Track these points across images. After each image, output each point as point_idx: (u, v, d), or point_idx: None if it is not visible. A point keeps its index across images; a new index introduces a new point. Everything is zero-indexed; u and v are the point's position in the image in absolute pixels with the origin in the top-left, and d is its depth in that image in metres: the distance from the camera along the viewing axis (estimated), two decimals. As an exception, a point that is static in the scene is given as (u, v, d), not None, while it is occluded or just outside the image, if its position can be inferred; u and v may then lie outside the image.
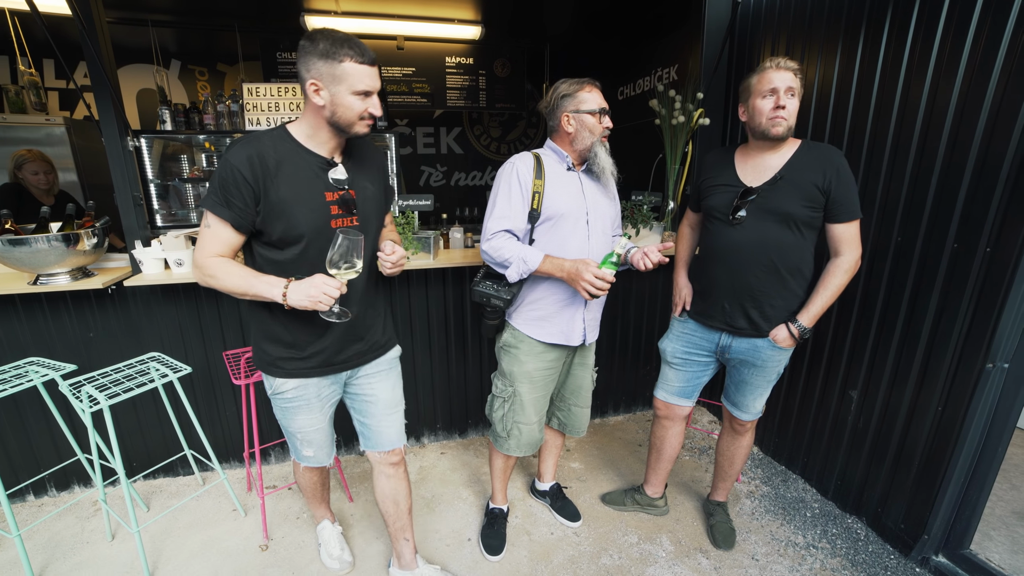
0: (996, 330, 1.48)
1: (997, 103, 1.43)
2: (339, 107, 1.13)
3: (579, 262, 1.42)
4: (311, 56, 1.10)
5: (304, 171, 1.16)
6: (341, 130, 1.17)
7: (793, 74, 1.42)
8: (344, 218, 1.22)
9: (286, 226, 1.15)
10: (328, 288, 1.13)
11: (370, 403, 1.48)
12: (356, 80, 1.12)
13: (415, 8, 3.07)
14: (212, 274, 1.16)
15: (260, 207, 1.12)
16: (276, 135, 1.17)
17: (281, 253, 1.19)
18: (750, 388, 1.66)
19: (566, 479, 2.30)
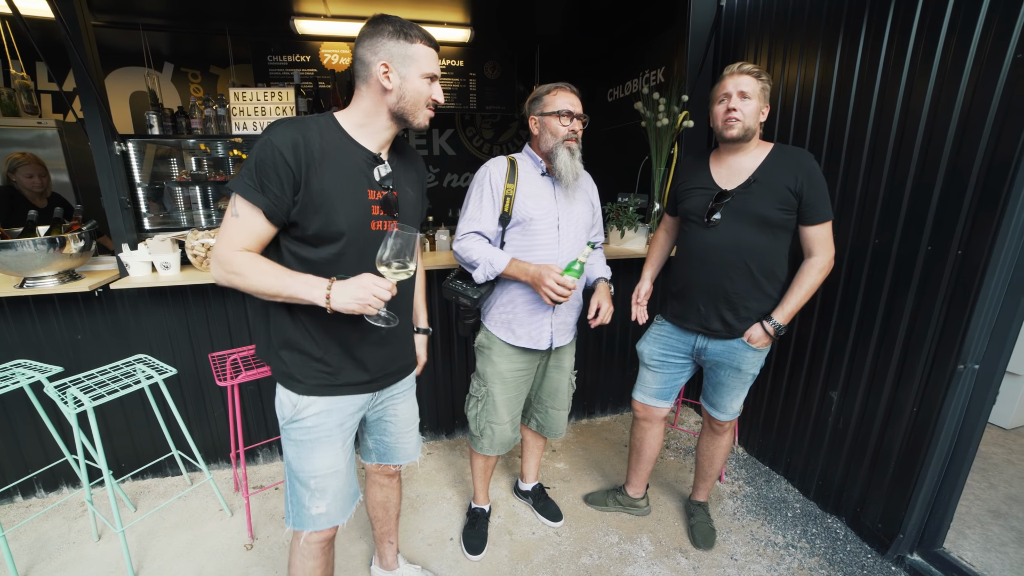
0: (967, 331, 1.50)
1: (967, 106, 1.45)
2: (409, 91, 1.05)
3: (543, 267, 1.45)
4: (379, 38, 1.02)
5: (350, 164, 1.06)
6: (404, 119, 1.08)
7: (753, 77, 1.44)
8: (385, 220, 1.12)
9: (325, 221, 1.03)
10: (378, 289, 1.01)
11: (391, 423, 1.38)
12: (427, 62, 1.06)
13: (404, 11, 3.09)
14: (238, 271, 1.01)
15: (299, 196, 1.00)
16: (323, 122, 1.06)
17: (315, 251, 1.07)
18: (727, 389, 1.68)
19: (551, 479, 2.32)
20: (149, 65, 3.07)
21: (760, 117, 1.47)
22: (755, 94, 1.44)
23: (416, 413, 1.44)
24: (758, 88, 1.44)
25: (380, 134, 1.11)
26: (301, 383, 1.15)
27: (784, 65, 2.10)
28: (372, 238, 1.09)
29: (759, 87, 1.44)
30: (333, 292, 1.01)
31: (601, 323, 1.59)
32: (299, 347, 1.14)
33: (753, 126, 1.47)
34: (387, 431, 1.39)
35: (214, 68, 3.91)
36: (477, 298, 1.58)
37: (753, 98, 1.44)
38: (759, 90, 1.44)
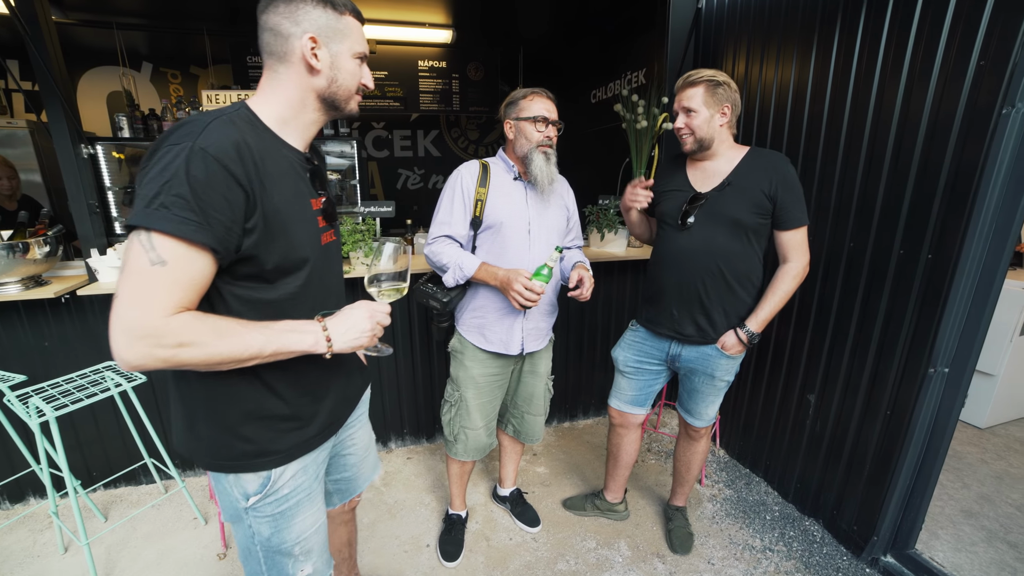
0: (937, 335, 1.50)
1: (935, 110, 1.45)
2: (341, 72, 0.87)
3: (511, 272, 1.43)
4: (303, 4, 0.83)
5: (288, 170, 0.86)
6: (335, 106, 0.91)
7: (699, 87, 1.43)
8: (327, 231, 0.96)
9: (286, 247, 0.82)
10: (381, 315, 0.89)
11: (351, 455, 1.21)
12: (358, 39, 0.89)
13: (386, 12, 3.07)
14: (189, 339, 0.73)
15: (254, 222, 0.77)
16: (245, 118, 0.82)
17: (274, 289, 0.85)
18: (701, 396, 1.67)
19: (531, 484, 2.31)
20: (124, 64, 3.02)
21: (717, 121, 1.45)
22: (703, 104, 1.43)
23: (372, 432, 1.31)
24: (706, 96, 1.42)
25: (308, 129, 0.92)
26: (273, 455, 0.93)
27: (762, 67, 2.09)
28: (325, 257, 0.95)
29: (707, 95, 1.42)
30: (332, 331, 0.85)
31: (580, 295, 1.49)
32: (264, 414, 0.91)
33: (707, 135, 1.46)
34: (347, 465, 1.22)
35: (195, 68, 3.85)
36: (447, 301, 1.56)
37: (700, 109, 1.43)
38: (708, 97, 1.42)
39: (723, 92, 1.43)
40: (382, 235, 2.27)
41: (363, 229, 2.10)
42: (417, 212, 4.47)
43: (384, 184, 4.49)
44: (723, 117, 1.45)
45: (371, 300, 0.94)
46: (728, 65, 2.27)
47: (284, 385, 0.92)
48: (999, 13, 1.28)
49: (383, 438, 2.56)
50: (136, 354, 0.71)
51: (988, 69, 1.31)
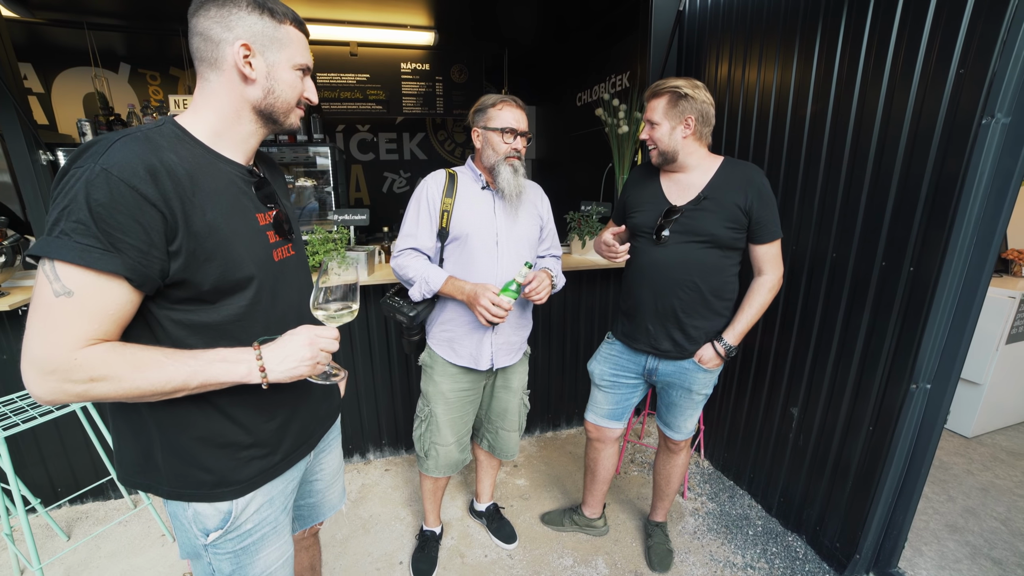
0: (919, 350, 1.46)
1: (916, 119, 1.41)
2: (279, 83, 0.83)
3: (479, 286, 1.38)
4: (234, 9, 0.77)
5: (226, 186, 0.82)
6: (273, 119, 0.86)
7: (659, 98, 1.40)
8: (282, 247, 0.92)
9: (224, 267, 0.78)
10: (325, 340, 0.83)
11: (318, 480, 1.16)
12: (299, 50, 0.84)
13: (367, 14, 3.00)
14: (101, 374, 0.69)
15: (178, 245, 0.73)
16: (169, 134, 0.78)
17: (216, 311, 0.80)
18: (679, 409, 1.63)
19: (510, 497, 2.26)
20: (97, 65, 2.94)
21: (680, 133, 1.40)
22: (663, 116, 1.39)
23: (341, 458, 1.25)
24: (667, 108, 1.39)
25: (246, 141, 0.87)
26: (235, 485, 0.88)
27: (744, 70, 2.05)
28: (279, 274, 0.89)
29: (668, 107, 1.39)
30: (267, 360, 0.79)
31: (530, 294, 1.41)
32: (221, 441, 0.86)
33: (669, 148, 1.42)
34: (313, 491, 1.17)
35: (174, 70, 3.77)
36: (413, 315, 1.51)
37: (662, 122, 1.40)
38: (668, 109, 1.38)
39: (686, 104, 1.38)
40: (356, 243, 2.21)
41: (336, 238, 2.04)
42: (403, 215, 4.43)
43: (369, 187, 4.42)
44: (686, 129, 1.40)
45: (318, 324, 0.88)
46: (711, 68, 2.23)
47: (239, 409, 0.86)
48: (977, 19, 1.24)
49: (361, 449, 2.50)
50: (46, 389, 0.68)
51: (968, 77, 1.27)
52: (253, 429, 0.89)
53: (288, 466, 0.97)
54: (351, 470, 2.44)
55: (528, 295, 1.43)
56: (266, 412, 0.90)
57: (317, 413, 1.05)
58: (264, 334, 0.86)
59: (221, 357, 0.78)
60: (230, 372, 0.78)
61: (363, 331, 2.26)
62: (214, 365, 0.77)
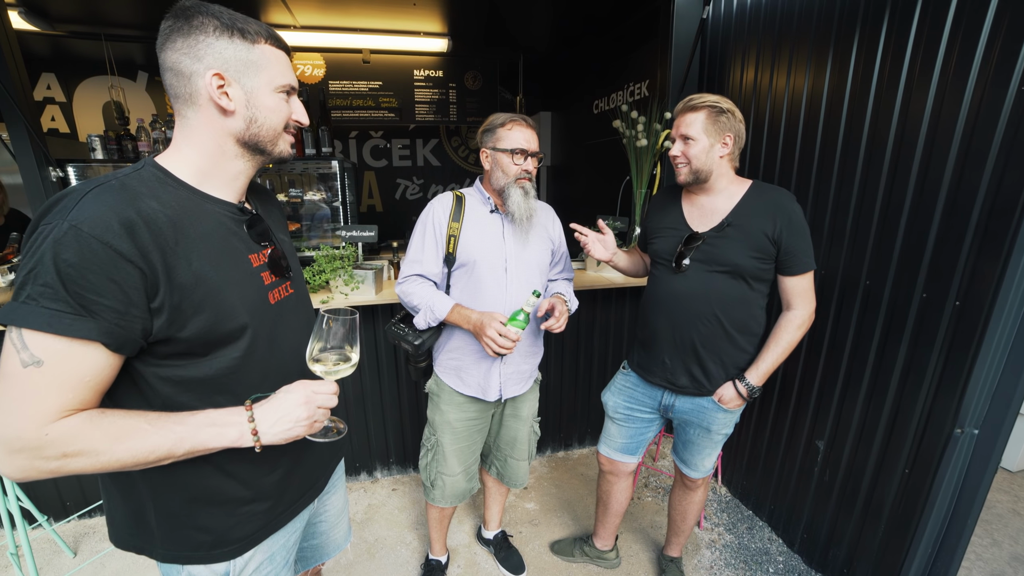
0: (965, 392, 1.33)
1: (969, 129, 1.27)
2: (260, 111, 0.76)
3: (485, 315, 1.32)
4: (200, 36, 0.71)
5: (214, 229, 0.76)
6: (260, 150, 0.80)
7: (699, 112, 1.28)
8: (279, 287, 0.86)
9: (214, 318, 0.73)
10: (322, 397, 0.78)
11: (322, 522, 1.11)
12: (279, 70, 0.77)
13: (379, 21, 2.95)
14: (77, 449, 0.64)
15: (160, 302, 0.67)
16: (149, 178, 0.72)
17: (207, 364, 0.75)
18: (696, 448, 1.53)
19: (519, 522, 2.18)
20: (113, 74, 2.96)
21: (716, 151, 1.31)
22: (702, 132, 1.28)
23: (346, 495, 1.21)
24: (707, 124, 1.28)
25: (236, 179, 0.81)
26: (232, 545, 0.83)
27: (772, 78, 1.93)
28: (277, 317, 0.84)
29: (708, 122, 1.28)
30: (260, 422, 0.74)
31: (552, 327, 1.38)
32: (218, 498, 0.81)
33: (705, 167, 1.31)
34: (316, 532, 1.12)
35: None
36: (418, 344, 1.45)
37: (700, 138, 1.29)
38: (709, 125, 1.28)
39: (726, 120, 1.28)
40: (364, 259, 2.16)
41: (343, 255, 1.99)
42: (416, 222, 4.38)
43: (382, 194, 4.39)
44: (724, 148, 1.30)
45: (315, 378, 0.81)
46: (735, 75, 2.11)
47: (238, 464, 0.81)
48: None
49: (368, 466, 2.46)
50: (15, 468, 0.63)
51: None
52: (253, 483, 0.84)
53: (291, 516, 0.92)
54: (357, 488, 2.40)
55: (550, 328, 1.37)
56: (267, 464, 0.84)
57: (322, 457, 1.00)
58: (262, 383, 0.81)
59: (210, 421, 0.72)
60: (220, 437, 0.72)
61: (371, 347, 2.21)
62: (202, 430, 0.71)
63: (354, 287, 1.96)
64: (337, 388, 0.81)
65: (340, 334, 0.79)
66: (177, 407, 0.74)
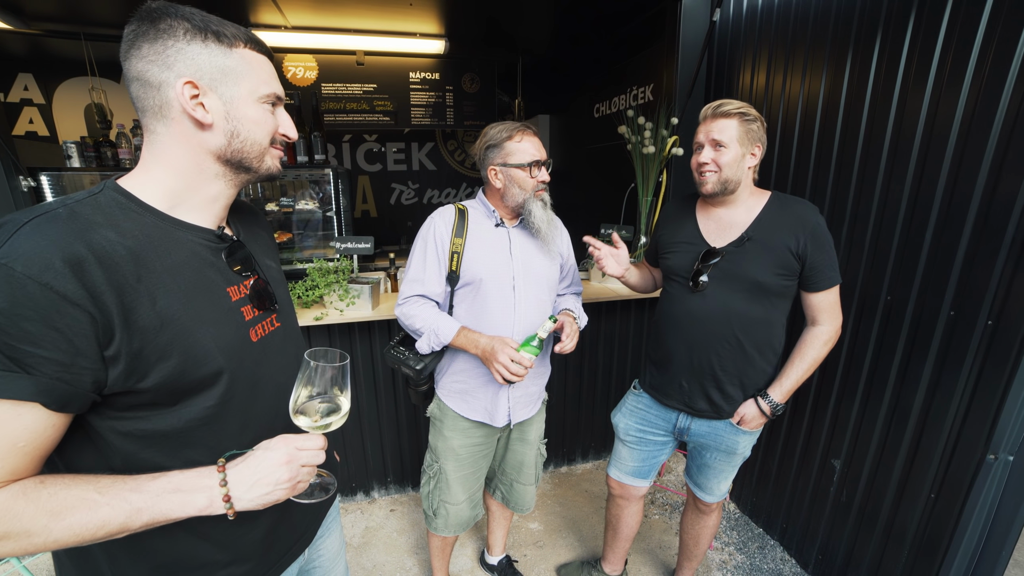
0: (999, 416, 1.27)
1: (1006, 137, 1.20)
2: (243, 123, 0.68)
3: (496, 340, 1.22)
4: (170, 41, 0.62)
5: (186, 260, 0.67)
6: (244, 167, 0.71)
7: (732, 119, 1.20)
8: (263, 321, 0.77)
9: (183, 363, 0.63)
10: (306, 454, 0.68)
11: (316, 568, 1.02)
12: (264, 78, 0.69)
13: (373, 22, 2.85)
14: (9, 529, 0.54)
15: (117, 349, 0.58)
16: (109, 204, 0.62)
17: (174, 416, 0.65)
18: (713, 472, 1.45)
19: (523, 544, 2.10)
20: (94, 75, 2.83)
21: (747, 162, 1.24)
22: (735, 139, 1.20)
23: (342, 535, 1.11)
24: (740, 131, 1.20)
25: (215, 203, 0.72)
26: None
27: (785, 82, 1.86)
28: (260, 357, 0.75)
29: (741, 130, 1.20)
30: (234, 486, 0.64)
31: (561, 348, 1.29)
32: (191, 563, 0.72)
33: (734, 177, 1.23)
34: None
35: (177, 78, 3.66)
36: (420, 368, 1.36)
37: (732, 145, 1.21)
38: (742, 133, 1.20)
39: (756, 129, 1.22)
40: (360, 271, 2.06)
41: (338, 268, 1.89)
42: (411, 228, 4.29)
43: (376, 199, 4.28)
44: (752, 158, 1.24)
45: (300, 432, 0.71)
46: (744, 79, 2.04)
47: (213, 524, 0.71)
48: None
49: (365, 486, 2.36)
50: None
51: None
52: (231, 544, 0.74)
53: (280, 571, 0.83)
54: (354, 510, 2.30)
55: (561, 350, 1.29)
56: (248, 520, 0.74)
57: (313, 503, 0.90)
58: (242, 433, 0.71)
59: (174, 486, 0.62)
60: (185, 505, 0.62)
61: (367, 362, 2.11)
62: (164, 499, 0.61)
63: (349, 302, 1.86)
64: (325, 443, 0.71)
65: (328, 380, 0.69)
66: (140, 465, 0.64)
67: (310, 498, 0.73)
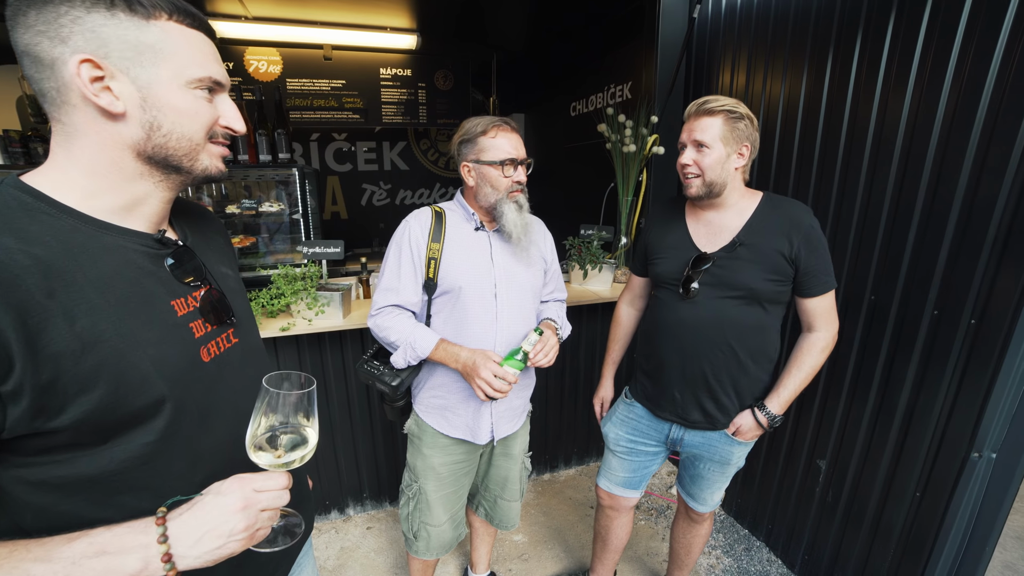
0: (983, 414, 1.27)
1: (986, 137, 1.20)
2: (166, 113, 0.56)
3: (478, 354, 1.14)
4: (67, 7, 0.51)
5: (118, 270, 0.57)
6: (174, 168, 0.60)
7: (716, 117, 1.15)
8: (217, 337, 0.67)
9: (114, 395, 0.53)
10: (268, 497, 0.58)
11: None
12: (193, 58, 0.57)
13: (341, 14, 2.72)
14: None
15: (19, 382, 0.48)
16: (9, 204, 0.52)
17: (103, 457, 0.55)
18: (707, 483, 1.41)
19: (507, 558, 2.02)
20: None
21: (732, 163, 1.18)
22: (719, 139, 1.15)
23: (315, 566, 1.00)
24: (725, 130, 1.15)
25: (144, 205, 0.60)
26: None
27: (766, 81, 1.84)
28: (214, 379, 0.65)
29: (726, 129, 1.15)
30: (176, 542, 0.53)
31: (540, 360, 1.19)
32: None
33: (719, 179, 1.18)
34: None
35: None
36: (396, 384, 1.26)
37: (715, 145, 1.16)
38: (726, 132, 1.15)
39: (744, 128, 1.16)
40: (329, 278, 1.94)
41: (305, 275, 1.77)
42: (384, 230, 4.14)
43: (347, 200, 4.12)
44: (740, 159, 1.18)
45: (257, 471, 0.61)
46: (724, 78, 2.02)
47: None
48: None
49: (339, 504, 2.23)
50: None
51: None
52: None
53: None
54: (328, 529, 2.17)
55: (536, 363, 1.19)
56: None
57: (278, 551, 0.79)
58: (192, 471, 0.61)
59: (97, 549, 0.50)
60: (115, 570, 0.50)
61: (339, 374, 1.99)
62: (83, 568, 0.49)
63: (318, 311, 1.74)
64: (289, 480, 0.61)
65: (291, 408, 0.60)
66: (61, 521, 0.53)
67: (272, 546, 0.63)
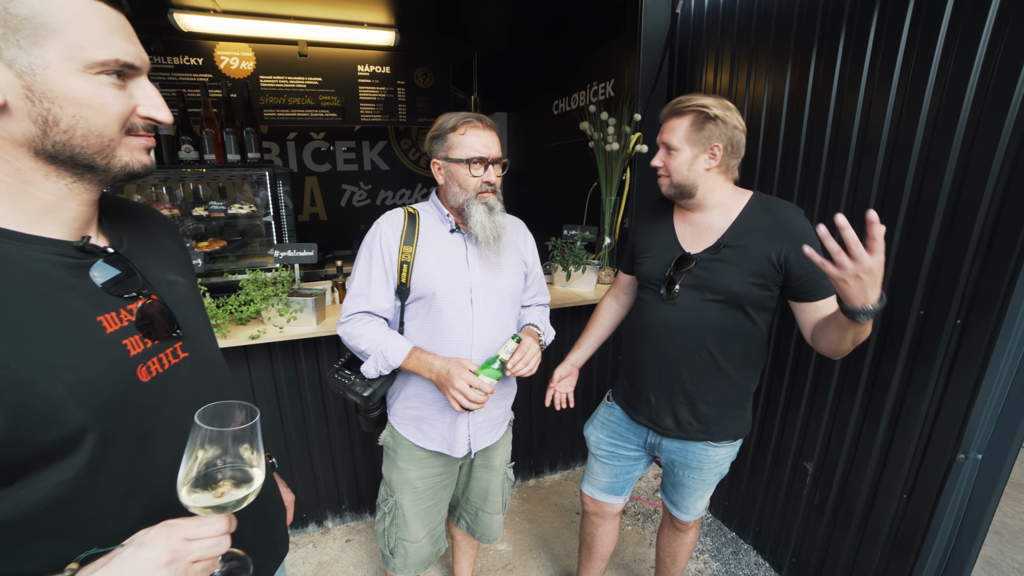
0: (969, 415, 1.25)
1: (970, 136, 1.19)
2: (62, 104, 0.48)
3: (452, 363, 1.09)
4: None
5: (26, 282, 0.51)
6: (86, 166, 0.53)
7: (683, 117, 1.12)
8: (161, 353, 0.61)
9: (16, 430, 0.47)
10: (202, 546, 0.51)
11: None
12: (93, 35, 0.48)
13: (316, 9, 2.63)
14: None
15: None
16: None
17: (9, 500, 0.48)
18: (687, 491, 1.37)
19: (491, 568, 1.96)
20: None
21: (703, 164, 1.14)
22: (684, 140, 1.12)
23: None
24: (689, 132, 1.11)
25: (59, 210, 0.54)
26: None
27: (750, 83, 1.82)
28: (155, 401, 0.59)
29: (692, 130, 1.11)
30: None
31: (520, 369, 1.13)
32: None
33: (686, 181, 1.15)
34: None
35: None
36: (369, 395, 1.20)
37: (683, 147, 1.12)
38: (692, 134, 1.11)
39: (714, 129, 1.10)
40: (303, 282, 1.86)
41: (277, 279, 1.69)
42: (364, 231, 4.04)
43: (326, 202, 4.02)
44: (711, 160, 1.13)
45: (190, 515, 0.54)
46: (708, 77, 1.99)
47: None
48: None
49: (317, 516, 2.15)
50: None
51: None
52: None
53: None
54: (305, 543, 2.09)
55: (513, 371, 1.13)
56: None
57: None
58: (124, 508, 0.54)
59: None
60: None
61: (314, 379, 1.92)
62: None
63: (290, 317, 1.66)
64: (230, 524, 0.54)
65: (229, 442, 0.53)
66: None
67: None
